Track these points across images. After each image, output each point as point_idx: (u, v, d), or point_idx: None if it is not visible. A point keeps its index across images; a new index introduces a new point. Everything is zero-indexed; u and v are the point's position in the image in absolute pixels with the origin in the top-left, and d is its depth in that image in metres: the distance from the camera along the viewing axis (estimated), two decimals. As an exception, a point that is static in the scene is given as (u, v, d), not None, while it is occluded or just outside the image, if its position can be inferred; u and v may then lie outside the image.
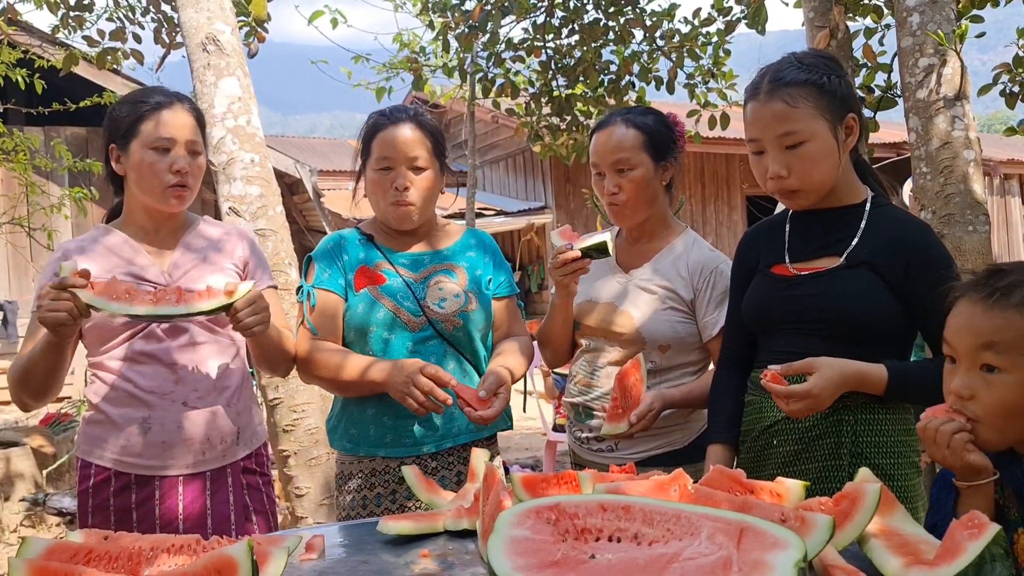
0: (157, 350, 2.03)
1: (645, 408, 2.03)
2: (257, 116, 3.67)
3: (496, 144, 15.11)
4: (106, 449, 2.03)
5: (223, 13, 3.69)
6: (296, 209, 12.34)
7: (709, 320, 2.16)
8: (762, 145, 1.80)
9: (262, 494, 2.17)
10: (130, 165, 2.04)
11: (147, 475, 2.02)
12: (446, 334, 2.16)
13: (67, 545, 1.24)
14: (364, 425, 2.15)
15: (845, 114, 1.79)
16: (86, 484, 2.05)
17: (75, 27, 5.78)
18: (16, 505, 5.80)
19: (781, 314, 1.88)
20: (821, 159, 1.77)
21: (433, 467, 2.15)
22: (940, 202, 3.07)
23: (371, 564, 1.43)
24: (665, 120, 2.26)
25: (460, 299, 2.18)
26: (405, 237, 2.25)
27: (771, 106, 1.77)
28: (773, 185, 1.81)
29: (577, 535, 1.09)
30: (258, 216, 3.52)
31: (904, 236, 1.79)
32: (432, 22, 6.36)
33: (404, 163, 2.14)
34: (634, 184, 2.18)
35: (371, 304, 2.15)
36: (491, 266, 2.30)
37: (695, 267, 2.19)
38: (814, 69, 1.78)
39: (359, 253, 2.21)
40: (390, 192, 2.15)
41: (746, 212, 15.24)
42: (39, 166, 6.71)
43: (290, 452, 3.50)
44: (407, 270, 2.20)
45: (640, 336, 2.17)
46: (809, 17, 3.83)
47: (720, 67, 6.13)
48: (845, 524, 1.27)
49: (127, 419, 2.02)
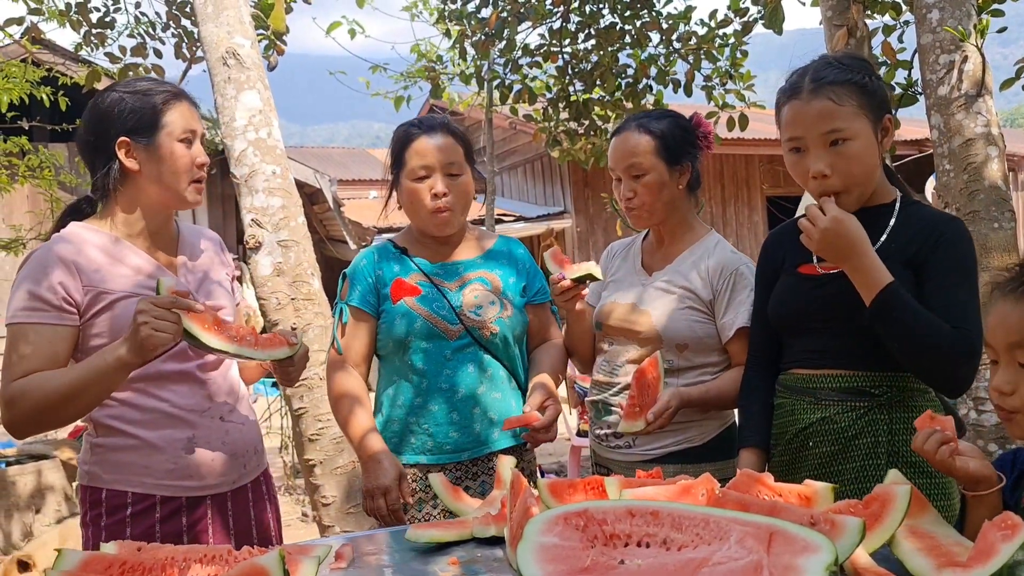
0: (189, 368, 1.96)
1: (662, 406, 2.03)
2: (277, 128, 3.70)
3: (514, 150, 15.13)
4: (147, 474, 1.90)
5: (243, 27, 3.73)
6: (316, 219, 12.43)
7: (727, 321, 2.17)
8: (804, 143, 1.79)
9: (275, 499, 2.19)
10: (157, 157, 1.92)
11: (199, 496, 1.94)
12: (483, 341, 2.21)
13: (102, 557, 1.26)
14: (405, 434, 2.20)
15: (883, 115, 1.80)
16: (122, 514, 1.88)
17: (97, 44, 5.87)
18: (47, 517, 5.88)
19: (808, 313, 1.87)
20: (863, 157, 1.76)
21: (474, 472, 2.20)
22: (964, 199, 3.05)
23: (400, 572, 1.44)
24: (683, 123, 2.26)
25: (496, 306, 2.23)
26: (438, 247, 2.29)
27: (816, 104, 1.76)
28: (815, 185, 1.79)
29: (606, 541, 1.09)
30: (280, 227, 3.54)
31: (936, 226, 1.79)
32: (449, 30, 6.39)
33: (440, 170, 2.18)
34: (648, 189, 2.20)
35: (409, 316, 2.18)
36: (525, 273, 2.34)
37: (715, 268, 2.20)
38: (854, 69, 1.79)
39: (394, 266, 2.25)
40: (428, 199, 2.17)
41: (767, 213, 15.15)
42: (64, 182, 6.81)
43: (316, 461, 3.52)
44: (442, 279, 2.24)
45: (658, 335, 2.19)
46: (827, 16, 3.82)
47: (738, 68, 6.11)
48: (875, 526, 1.26)
49: (169, 441, 1.91)
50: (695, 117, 2.31)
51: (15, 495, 5.82)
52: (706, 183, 14.59)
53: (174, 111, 1.94)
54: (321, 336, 3.56)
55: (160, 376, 1.92)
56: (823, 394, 1.83)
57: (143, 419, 1.90)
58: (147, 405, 1.91)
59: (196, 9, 3.78)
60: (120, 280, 1.89)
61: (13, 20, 5.72)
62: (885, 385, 1.78)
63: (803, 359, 1.89)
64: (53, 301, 1.82)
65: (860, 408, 1.79)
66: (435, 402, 2.18)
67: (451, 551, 1.52)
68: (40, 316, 1.81)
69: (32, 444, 6.52)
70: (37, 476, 5.90)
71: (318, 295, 3.62)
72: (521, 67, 6.21)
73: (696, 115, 2.34)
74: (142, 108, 1.92)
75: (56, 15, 5.76)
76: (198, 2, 3.75)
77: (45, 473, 5.93)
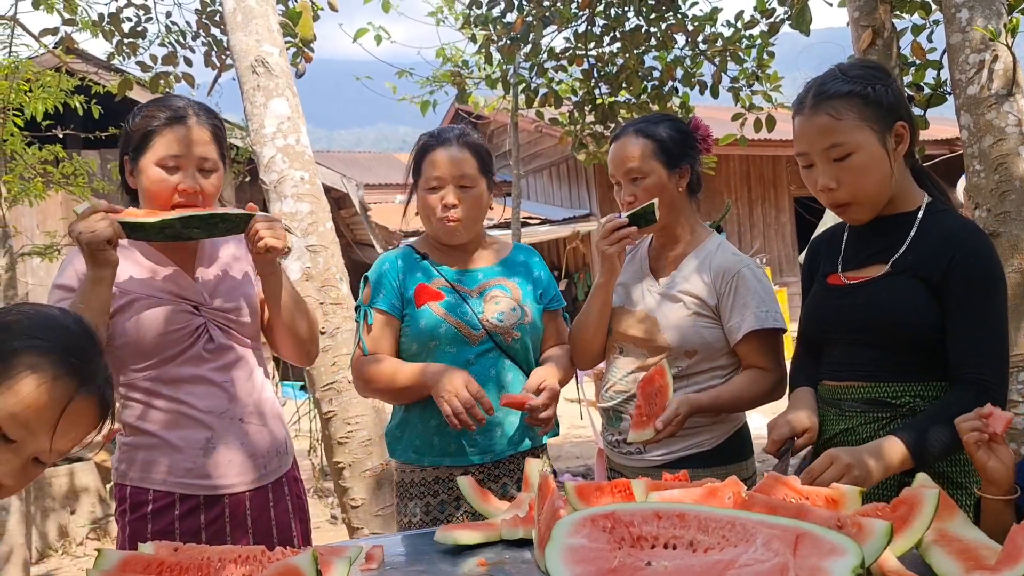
0: (206, 371, 2.00)
1: (671, 413, 2.04)
2: (306, 135, 3.75)
3: (539, 153, 15.16)
4: (168, 473, 1.96)
5: (271, 35, 3.78)
6: (343, 223, 12.51)
7: (734, 324, 2.17)
8: (811, 159, 1.80)
9: (303, 501, 2.21)
10: (140, 181, 1.97)
11: (216, 495, 1.99)
12: (504, 346, 2.26)
13: (140, 557, 1.29)
14: (428, 436, 2.24)
15: (893, 122, 1.77)
16: (143, 511, 1.96)
17: (129, 53, 5.96)
18: (82, 518, 5.98)
19: (832, 324, 1.87)
20: (870, 170, 1.75)
21: (496, 475, 2.25)
22: (995, 200, 3.01)
23: (429, 573, 1.46)
24: (680, 126, 2.29)
25: (516, 312, 2.28)
26: (457, 253, 2.34)
27: (816, 119, 1.77)
28: (825, 198, 1.81)
29: (633, 543, 1.10)
30: (309, 232, 3.58)
31: (951, 239, 1.75)
32: (474, 35, 6.41)
33: (452, 182, 2.22)
34: (647, 192, 2.22)
35: (434, 320, 2.23)
36: (541, 280, 2.40)
37: (717, 272, 2.21)
38: (858, 80, 1.77)
39: (416, 272, 2.30)
40: (439, 210, 2.23)
41: (794, 214, 15.03)
42: (97, 189, 6.92)
43: (344, 464, 3.56)
44: (463, 286, 2.29)
45: (667, 342, 2.20)
46: (854, 16, 3.79)
47: (764, 69, 6.07)
48: (903, 530, 1.26)
49: (188, 441, 1.97)
50: (693, 120, 2.33)
51: (51, 496, 5.93)
52: (733, 184, 14.52)
53: (165, 136, 1.94)
54: (350, 340, 3.60)
55: (177, 379, 1.98)
56: (847, 405, 1.83)
57: (163, 420, 1.98)
58: (166, 407, 1.98)
59: (226, 18, 3.84)
60: (136, 283, 1.96)
61: (48, 31, 5.83)
62: (908, 396, 1.77)
63: (829, 371, 1.89)
64: (74, 287, 1.92)
65: (882, 419, 1.78)
66: None
67: (479, 552, 1.54)
68: (66, 303, 1.89)
69: (67, 446, 6.62)
70: (72, 478, 6.01)
71: (346, 299, 3.65)
72: (547, 71, 6.21)
73: (695, 118, 2.35)
74: (139, 129, 1.97)
75: (89, 25, 5.87)
76: (228, 11, 3.81)
77: (79, 475, 6.03)
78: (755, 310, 2.14)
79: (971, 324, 1.70)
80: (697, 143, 2.29)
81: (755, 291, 2.16)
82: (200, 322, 2.01)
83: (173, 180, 1.94)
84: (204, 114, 2.01)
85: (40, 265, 10.65)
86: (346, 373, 3.53)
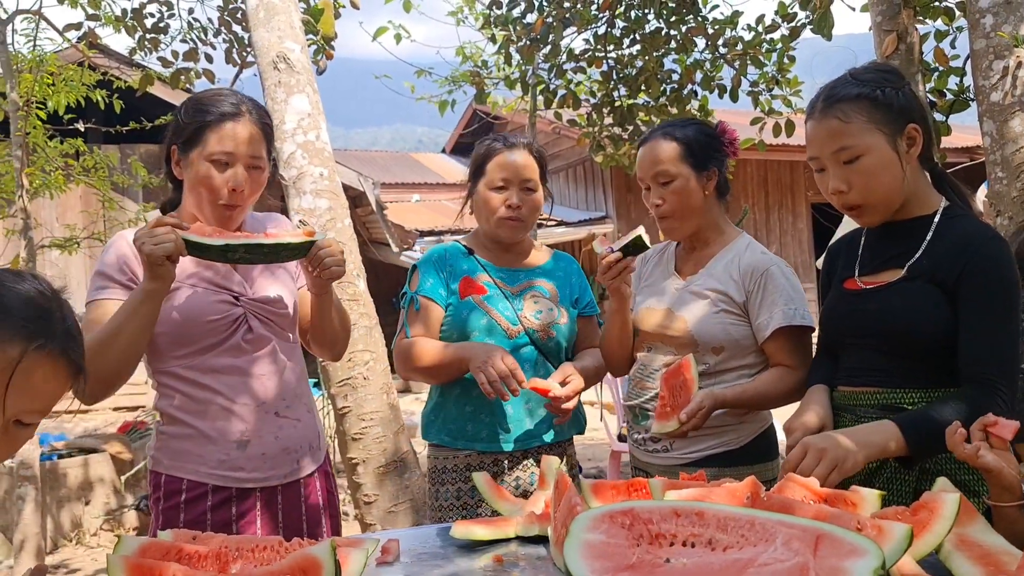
0: (242, 362, 2.01)
1: (695, 406, 2.03)
2: (325, 131, 3.77)
3: (557, 154, 15.15)
4: (201, 463, 1.97)
5: (293, 32, 3.80)
6: (359, 222, 12.54)
7: (762, 322, 2.17)
8: (822, 163, 1.81)
9: (335, 497, 2.21)
10: (188, 174, 1.98)
11: (248, 488, 1.99)
12: (539, 343, 2.36)
13: (159, 543, 1.30)
14: (462, 421, 2.35)
15: (904, 125, 1.77)
16: (176, 499, 1.96)
17: (151, 49, 6.01)
18: (96, 509, 6.02)
19: (847, 330, 1.87)
20: (880, 172, 1.75)
21: (524, 464, 2.35)
22: (1017, 207, 2.99)
23: (445, 568, 1.46)
24: (708, 130, 2.31)
25: (553, 312, 2.40)
26: (502, 253, 2.46)
27: (825, 123, 1.78)
28: (836, 200, 1.82)
29: (651, 540, 1.10)
30: (327, 228, 3.60)
31: (968, 244, 1.73)
32: (494, 35, 6.42)
33: (518, 184, 2.36)
34: (676, 195, 2.23)
35: (475, 311, 2.34)
36: (577, 286, 2.52)
37: (746, 270, 2.21)
38: (868, 83, 1.78)
39: (463, 264, 2.41)
40: (502, 209, 2.36)
41: (811, 220, 14.95)
42: (116, 183, 6.98)
43: (359, 460, 3.57)
44: (505, 283, 2.40)
45: (693, 339, 2.20)
46: (876, 21, 3.77)
47: (784, 74, 6.05)
48: (923, 534, 1.25)
49: (223, 433, 1.97)
50: (720, 124, 2.35)
51: (65, 487, 5.98)
52: (750, 189, 14.46)
53: (218, 131, 1.94)
54: (365, 336, 3.61)
55: (214, 369, 1.99)
56: (862, 411, 1.82)
57: (200, 410, 1.98)
58: (203, 397, 1.98)
59: (248, 15, 3.87)
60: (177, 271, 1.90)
61: (72, 25, 5.88)
62: (922, 402, 1.75)
63: (844, 377, 1.89)
64: (115, 276, 1.95)
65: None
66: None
67: (495, 548, 1.54)
68: (104, 293, 1.95)
69: (83, 438, 6.69)
70: (87, 469, 6.05)
71: (363, 296, 3.67)
72: (566, 72, 6.22)
73: (721, 122, 2.37)
74: (192, 121, 1.96)
75: (112, 21, 5.92)
76: (251, 8, 3.83)
77: (95, 466, 6.08)
78: (783, 307, 2.14)
79: (983, 326, 1.69)
80: (724, 146, 2.30)
81: (783, 288, 2.16)
82: (239, 312, 2.01)
83: (223, 176, 1.94)
84: (256, 111, 2.02)
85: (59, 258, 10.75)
86: (361, 369, 3.55)
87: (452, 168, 18.99)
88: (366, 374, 3.58)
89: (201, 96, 2.03)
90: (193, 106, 1.99)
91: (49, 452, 6.17)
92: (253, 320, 2.03)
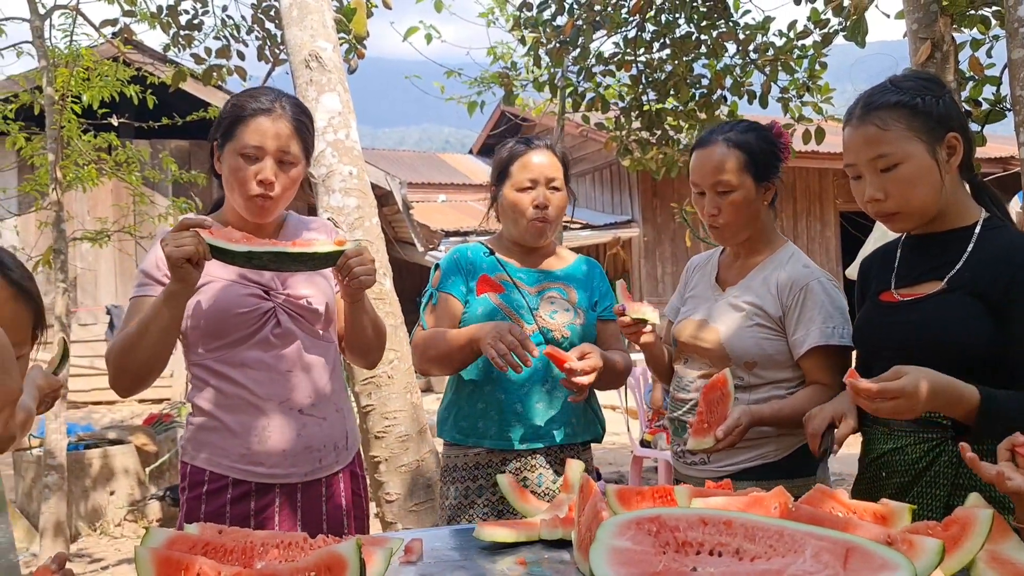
0: (270, 357, 2.01)
1: (732, 423, 2.00)
2: (355, 130, 3.79)
3: (583, 157, 15.12)
4: (224, 456, 1.99)
5: (325, 31, 3.82)
6: (385, 221, 12.60)
7: (798, 337, 2.12)
8: (859, 170, 1.79)
9: (362, 499, 2.19)
10: (224, 169, 2.03)
11: (268, 483, 2.00)
12: (554, 343, 2.34)
13: (186, 537, 1.31)
14: (473, 418, 2.36)
15: (944, 134, 1.74)
16: (199, 490, 1.99)
17: (184, 45, 6.08)
18: (120, 499, 6.09)
19: (883, 342, 1.83)
20: (918, 180, 1.73)
21: (533, 464, 2.33)
22: (1053, 220, 2.95)
23: (468, 569, 1.46)
24: (767, 135, 2.22)
25: (570, 313, 2.39)
26: (525, 255, 2.48)
27: (863, 130, 1.75)
28: (872, 208, 1.79)
29: (678, 548, 1.09)
30: (355, 227, 3.62)
31: (1012, 256, 1.70)
32: (524, 37, 6.42)
33: (544, 184, 2.38)
34: (734, 207, 2.16)
35: (489, 307, 2.36)
36: (599, 290, 2.51)
37: (784, 284, 2.15)
38: (908, 91, 1.75)
39: (483, 264, 2.43)
40: (531, 209, 2.37)
41: (839, 228, 14.82)
42: (147, 177, 7.06)
43: (381, 458, 3.58)
44: (524, 283, 2.41)
45: (725, 352, 2.16)
46: (912, 29, 3.72)
47: (816, 80, 5.99)
48: (954, 550, 1.23)
49: (245, 426, 1.99)
50: (775, 127, 2.27)
51: (90, 477, 6.05)
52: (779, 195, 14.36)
53: (249, 125, 1.98)
54: (390, 335, 3.60)
55: (241, 363, 2.00)
56: (896, 425, 1.79)
57: (226, 403, 2.00)
58: (230, 391, 2.00)
59: (282, 13, 3.89)
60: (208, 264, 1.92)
61: (108, 22, 5.96)
62: None
63: None
64: (154, 275, 2.00)
65: (932, 440, 1.74)
66: (500, 391, 2.32)
67: (518, 551, 1.54)
68: (144, 290, 2.01)
69: (108, 429, 6.76)
70: (112, 460, 6.12)
71: (389, 295, 3.68)
72: (594, 75, 6.20)
73: (776, 125, 2.29)
74: (227, 116, 2.02)
75: (147, 17, 5.99)
76: (284, 6, 3.86)
77: (119, 457, 6.15)
78: (821, 325, 2.08)
79: None
80: (780, 153, 2.24)
81: (822, 305, 2.10)
82: (269, 307, 2.02)
83: (252, 169, 1.98)
84: (291, 108, 2.04)
85: (89, 250, 10.90)
86: (386, 367, 3.55)
87: (479, 169, 19.02)
88: (390, 372, 3.59)
89: (241, 94, 2.07)
90: (232, 103, 2.04)
91: (76, 442, 6.25)
92: (283, 315, 2.04)
